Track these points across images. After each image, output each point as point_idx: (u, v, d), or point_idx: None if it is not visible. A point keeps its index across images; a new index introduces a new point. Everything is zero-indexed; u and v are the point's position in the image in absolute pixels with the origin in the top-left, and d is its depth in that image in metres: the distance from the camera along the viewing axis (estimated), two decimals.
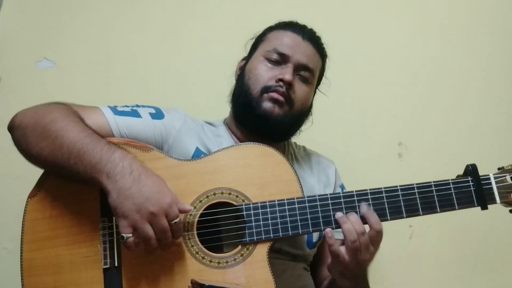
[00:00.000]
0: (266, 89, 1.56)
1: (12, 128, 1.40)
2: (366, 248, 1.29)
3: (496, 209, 2.15)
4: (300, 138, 1.78)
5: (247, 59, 1.69)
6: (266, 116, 1.54)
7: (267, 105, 1.54)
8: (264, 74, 1.58)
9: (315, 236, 1.59)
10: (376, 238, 1.31)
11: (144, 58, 2.27)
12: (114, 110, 1.49)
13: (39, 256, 1.33)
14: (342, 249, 1.31)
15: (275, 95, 1.54)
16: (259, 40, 1.70)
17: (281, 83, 1.55)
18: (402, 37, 2.36)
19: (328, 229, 1.31)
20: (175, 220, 1.25)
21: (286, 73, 1.56)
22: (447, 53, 2.35)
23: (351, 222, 1.30)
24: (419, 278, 2.16)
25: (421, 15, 2.39)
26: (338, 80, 2.27)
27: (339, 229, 1.52)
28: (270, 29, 1.71)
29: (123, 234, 1.23)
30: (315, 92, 1.74)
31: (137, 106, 1.56)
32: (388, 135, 2.27)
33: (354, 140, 2.26)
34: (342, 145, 2.23)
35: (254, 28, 1.76)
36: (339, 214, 1.32)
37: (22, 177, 1.41)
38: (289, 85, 1.56)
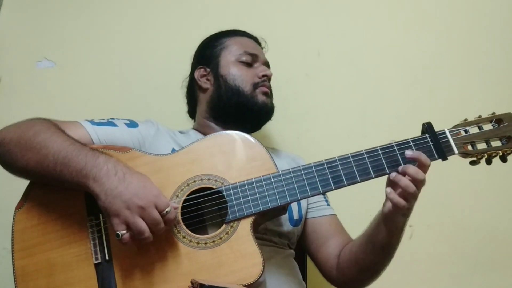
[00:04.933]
0: (256, 85, 1.75)
1: None
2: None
3: (496, 209, 2.19)
4: (300, 138, 1.82)
5: (211, 67, 1.80)
6: (264, 108, 1.76)
7: (262, 98, 1.75)
8: (247, 73, 1.76)
9: (295, 213, 1.66)
10: (426, 171, 1.39)
11: (144, 58, 2.30)
12: (92, 122, 1.58)
13: (31, 262, 1.37)
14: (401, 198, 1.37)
15: (265, 89, 1.77)
16: (217, 49, 1.82)
17: (264, 78, 1.77)
18: (402, 37, 2.40)
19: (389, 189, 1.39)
20: (167, 209, 1.31)
21: (266, 69, 1.80)
22: (447, 53, 2.38)
23: (408, 175, 1.36)
24: (419, 278, 2.15)
25: (421, 15, 2.43)
26: (338, 80, 2.33)
27: (328, 206, 1.75)
28: (223, 36, 1.86)
29: (118, 232, 1.28)
30: None
31: (112, 118, 1.65)
32: (388, 135, 2.17)
33: (354, 140, 2.25)
34: (342, 145, 2.12)
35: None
36: (393, 174, 1.39)
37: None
38: (269, 79, 1.80)
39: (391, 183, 1.40)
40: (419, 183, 1.36)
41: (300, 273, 1.69)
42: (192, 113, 1.92)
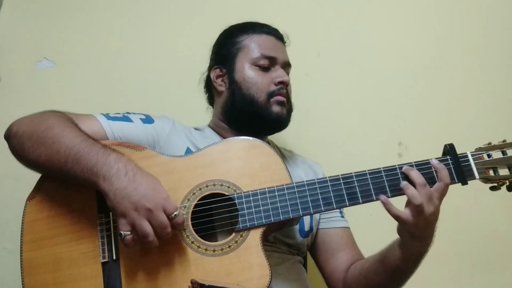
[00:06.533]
0: (271, 94, 1.67)
1: (8, 137, 1.46)
2: (429, 200, 1.34)
3: (496, 209, 2.18)
4: (300, 138, 1.82)
5: (227, 69, 1.74)
6: (278, 120, 1.69)
7: (276, 108, 1.68)
8: (262, 80, 1.69)
9: (306, 224, 1.65)
10: (443, 191, 1.37)
11: (144, 58, 2.29)
12: (107, 116, 1.57)
13: (39, 255, 1.37)
14: (405, 210, 1.36)
15: (280, 98, 1.68)
16: (233, 49, 1.75)
17: (281, 85, 1.69)
18: (402, 37, 2.40)
19: (383, 197, 1.38)
20: (175, 213, 1.30)
21: (283, 75, 1.70)
22: (446, 53, 2.39)
23: (412, 178, 1.36)
24: (419, 278, 2.04)
25: (421, 14, 2.42)
26: (338, 80, 2.32)
27: (342, 218, 1.73)
28: (240, 34, 1.77)
29: (121, 232, 1.28)
30: None
31: (128, 113, 1.64)
32: (388, 135, 2.28)
33: (354, 140, 2.27)
34: (342, 145, 2.25)
35: None
36: (403, 183, 1.37)
37: (22, 178, 1.44)
38: (286, 85, 1.71)
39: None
40: (421, 190, 1.34)
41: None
42: (211, 103, 1.88)
